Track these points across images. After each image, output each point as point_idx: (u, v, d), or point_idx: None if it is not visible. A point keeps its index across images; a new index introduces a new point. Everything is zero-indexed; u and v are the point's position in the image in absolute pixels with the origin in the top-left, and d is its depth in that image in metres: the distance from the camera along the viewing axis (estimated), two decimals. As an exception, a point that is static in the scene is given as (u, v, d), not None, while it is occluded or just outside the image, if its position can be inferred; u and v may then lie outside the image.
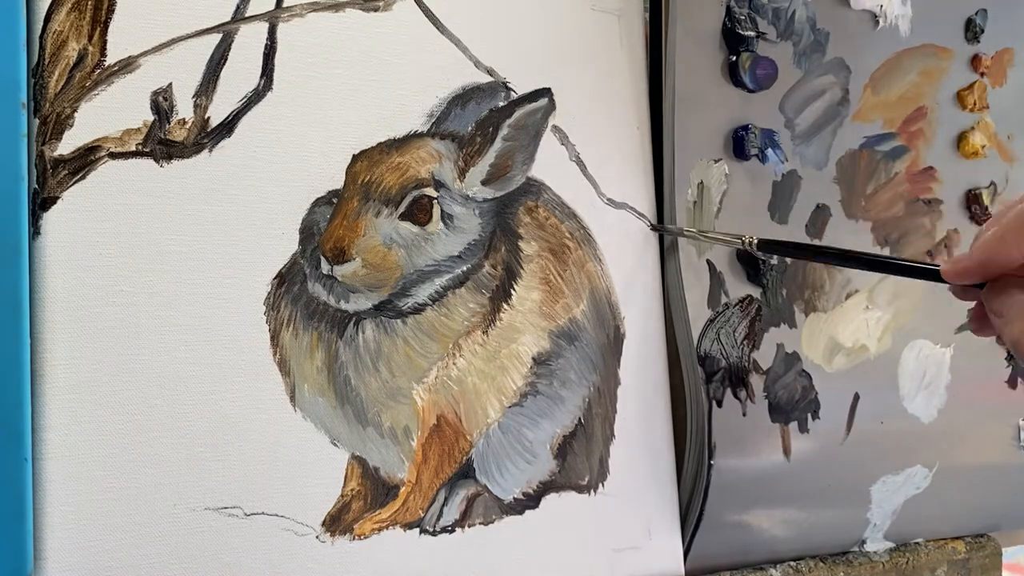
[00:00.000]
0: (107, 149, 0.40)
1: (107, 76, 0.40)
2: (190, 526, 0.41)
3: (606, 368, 0.52)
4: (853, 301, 0.59)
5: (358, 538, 0.45)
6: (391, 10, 0.46)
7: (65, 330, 0.39)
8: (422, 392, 0.47)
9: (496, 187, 0.49)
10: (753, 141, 0.55)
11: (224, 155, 0.42)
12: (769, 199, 0.57)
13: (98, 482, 0.39)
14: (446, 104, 0.48)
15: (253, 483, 0.42)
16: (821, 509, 0.59)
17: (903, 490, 0.61)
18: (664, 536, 0.54)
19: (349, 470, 0.45)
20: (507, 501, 0.49)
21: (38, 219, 0.39)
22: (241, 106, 0.43)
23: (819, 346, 0.58)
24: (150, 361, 0.41)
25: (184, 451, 0.41)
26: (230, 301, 0.42)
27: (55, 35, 0.39)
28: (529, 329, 0.50)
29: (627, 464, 0.53)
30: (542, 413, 0.50)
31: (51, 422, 0.39)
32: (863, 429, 0.59)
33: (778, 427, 0.57)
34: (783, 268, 0.57)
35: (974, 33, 0.63)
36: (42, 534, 0.38)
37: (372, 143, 0.46)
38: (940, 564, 0.62)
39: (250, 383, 0.43)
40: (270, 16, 0.44)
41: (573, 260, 0.51)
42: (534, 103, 0.50)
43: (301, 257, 0.44)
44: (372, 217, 0.45)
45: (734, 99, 0.56)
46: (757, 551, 0.57)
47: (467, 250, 0.48)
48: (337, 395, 0.45)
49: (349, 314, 0.45)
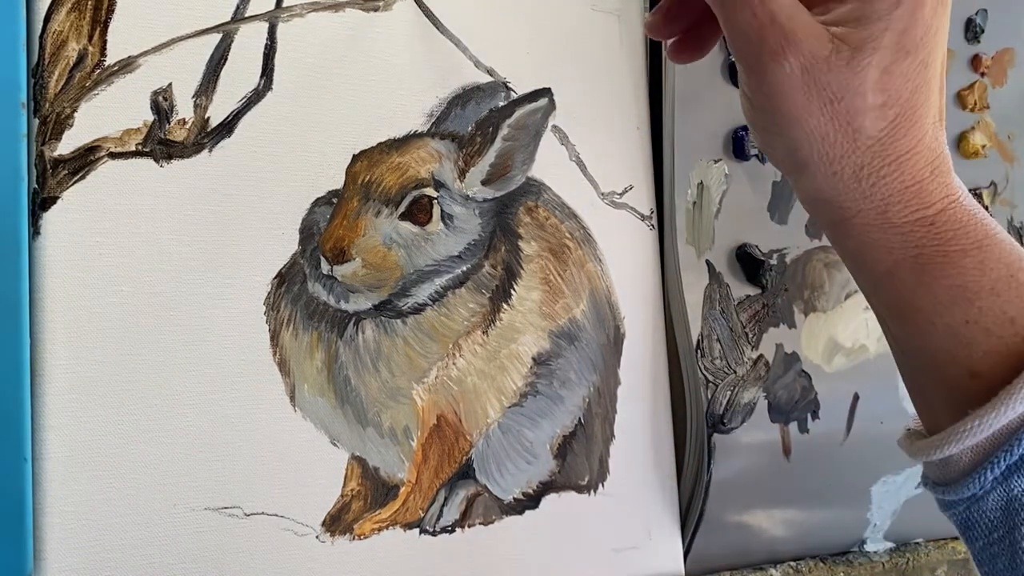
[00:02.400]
0: (107, 149, 0.40)
1: (107, 76, 0.40)
2: (190, 526, 0.41)
3: (606, 368, 0.52)
4: (853, 301, 0.59)
5: (358, 538, 0.45)
6: (391, 10, 0.46)
7: (65, 330, 0.39)
8: (422, 392, 0.47)
9: (496, 187, 0.49)
10: (753, 141, 0.55)
11: (224, 155, 0.42)
12: (769, 199, 0.57)
13: (98, 482, 0.39)
14: (446, 104, 0.48)
15: (253, 483, 0.42)
16: (821, 509, 0.59)
17: (903, 490, 0.61)
18: (664, 536, 0.54)
19: (349, 470, 0.45)
20: (507, 501, 0.49)
21: (38, 219, 0.39)
22: (241, 106, 0.43)
23: (819, 346, 0.58)
24: (150, 361, 0.41)
25: (184, 451, 0.41)
26: (230, 301, 0.42)
27: (55, 35, 0.39)
28: (529, 329, 0.50)
29: (627, 464, 0.53)
30: (542, 413, 0.50)
31: (51, 422, 0.39)
32: (863, 429, 0.59)
33: (778, 427, 0.57)
34: (783, 268, 0.57)
35: (974, 33, 0.63)
36: (42, 534, 0.38)
37: (372, 143, 0.46)
38: (940, 564, 0.62)
39: (250, 383, 0.43)
40: (270, 16, 0.44)
41: (573, 260, 0.51)
42: (534, 103, 0.49)
43: (301, 257, 0.44)
44: (372, 217, 0.45)
45: (734, 99, 0.56)
46: (757, 551, 0.57)
47: (467, 250, 0.48)
48: (337, 395, 0.45)
49: (349, 314, 0.45)
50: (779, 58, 0.31)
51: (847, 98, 0.30)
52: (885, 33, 0.30)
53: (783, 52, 0.30)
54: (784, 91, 0.31)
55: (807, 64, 0.30)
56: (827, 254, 0.59)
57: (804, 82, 0.31)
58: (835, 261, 0.59)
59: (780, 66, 0.31)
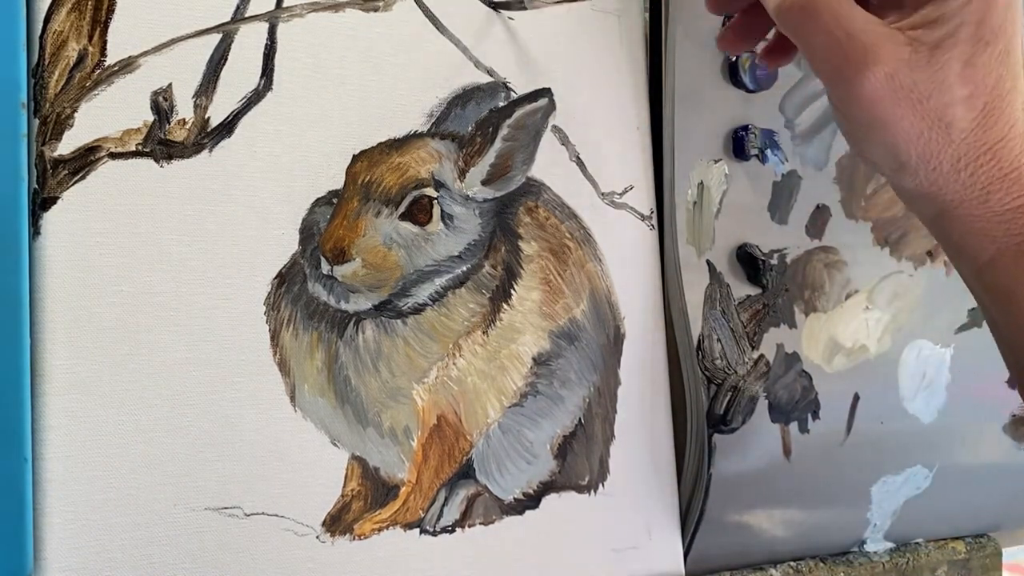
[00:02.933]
0: (107, 149, 0.40)
1: (107, 76, 0.40)
2: (190, 526, 0.41)
3: (606, 368, 0.52)
4: (853, 301, 0.59)
5: (358, 538, 0.45)
6: (391, 10, 0.46)
7: (65, 330, 0.39)
8: (422, 392, 0.47)
9: (496, 187, 0.49)
10: (753, 141, 0.55)
11: (224, 155, 0.42)
12: (769, 199, 0.57)
13: (98, 482, 0.39)
14: (446, 104, 0.48)
15: (253, 483, 0.42)
16: (821, 509, 0.59)
17: (903, 490, 0.61)
18: (664, 536, 0.54)
19: (349, 470, 0.45)
20: (507, 501, 0.49)
21: (38, 219, 0.39)
22: (241, 106, 0.43)
23: (819, 346, 0.58)
24: (150, 361, 0.41)
25: (184, 451, 0.41)
26: (230, 301, 0.42)
27: (55, 35, 0.39)
28: (529, 329, 0.50)
29: (627, 464, 0.53)
30: (542, 413, 0.50)
31: (51, 422, 0.39)
32: (863, 429, 0.59)
33: (778, 427, 0.57)
34: (783, 268, 0.57)
35: None
36: (42, 534, 0.38)
37: (372, 143, 0.46)
38: (940, 564, 0.62)
39: (250, 383, 0.43)
40: (270, 16, 0.44)
41: (573, 260, 0.51)
42: (534, 103, 0.50)
43: (301, 257, 0.44)
44: (372, 217, 0.45)
45: (734, 99, 0.56)
46: (757, 551, 0.57)
47: (467, 250, 0.48)
48: (337, 395, 0.45)
49: (349, 314, 0.45)
50: (863, 69, 0.32)
51: (934, 95, 0.31)
52: (961, 28, 0.31)
53: (865, 63, 0.32)
54: (873, 100, 0.32)
55: (890, 71, 0.31)
56: (827, 254, 0.59)
57: (891, 88, 0.32)
58: (835, 261, 0.59)
59: (865, 77, 0.32)
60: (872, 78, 0.32)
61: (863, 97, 0.32)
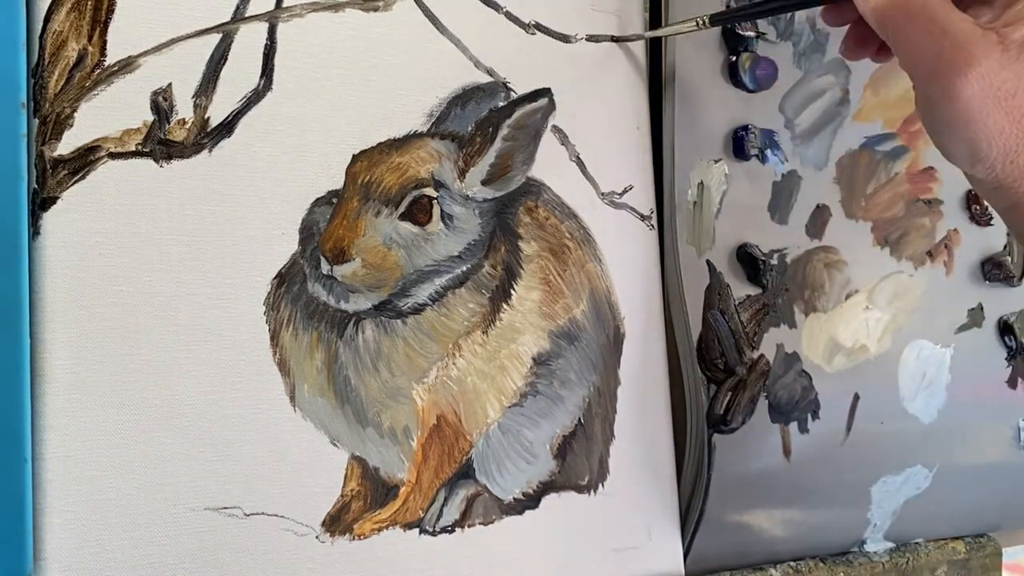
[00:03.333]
0: (107, 149, 0.40)
1: (107, 76, 0.40)
2: (190, 526, 0.41)
3: (606, 368, 0.52)
4: (853, 301, 0.59)
5: (358, 538, 0.45)
6: (391, 10, 0.46)
7: (65, 330, 0.39)
8: (422, 392, 0.47)
9: (496, 187, 0.49)
10: (753, 141, 0.55)
11: (224, 155, 0.42)
12: (769, 199, 0.57)
13: (98, 482, 0.39)
14: (446, 104, 0.48)
15: (253, 483, 0.42)
16: (821, 509, 0.59)
17: (903, 490, 0.61)
18: (664, 536, 0.54)
19: (349, 470, 0.45)
20: (507, 501, 0.49)
21: (38, 219, 0.39)
22: (241, 106, 0.43)
23: (819, 346, 0.58)
24: (150, 361, 0.41)
25: (184, 451, 0.41)
26: (230, 301, 0.42)
27: (55, 35, 0.39)
28: (529, 329, 0.50)
29: (627, 464, 0.53)
30: (542, 413, 0.50)
31: (51, 422, 0.39)
32: (863, 429, 0.59)
33: (778, 427, 0.57)
34: (783, 268, 0.57)
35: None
36: (42, 534, 0.38)
37: (372, 143, 0.46)
38: (940, 564, 0.62)
39: (250, 383, 0.43)
40: (270, 16, 0.44)
41: (573, 260, 0.51)
42: (534, 103, 0.50)
43: (301, 257, 0.44)
44: (372, 217, 0.45)
45: (734, 99, 0.56)
46: (757, 551, 0.57)
47: (467, 250, 0.48)
48: (337, 395, 0.45)
49: (349, 314, 0.45)
50: (960, 70, 0.32)
51: (1019, 93, 0.32)
52: None
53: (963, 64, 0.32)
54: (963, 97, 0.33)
55: (984, 70, 0.32)
56: (827, 254, 0.59)
57: (981, 87, 0.32)
58: (835, 261, 0.59)
59: (958, 75, 0.32)
60: (968, 79, 0.32)
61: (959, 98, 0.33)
